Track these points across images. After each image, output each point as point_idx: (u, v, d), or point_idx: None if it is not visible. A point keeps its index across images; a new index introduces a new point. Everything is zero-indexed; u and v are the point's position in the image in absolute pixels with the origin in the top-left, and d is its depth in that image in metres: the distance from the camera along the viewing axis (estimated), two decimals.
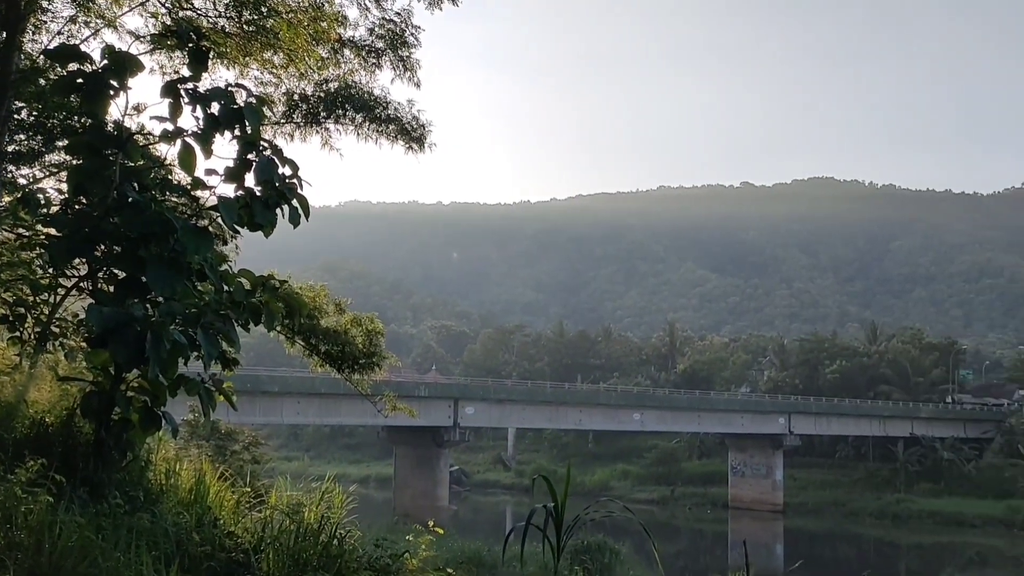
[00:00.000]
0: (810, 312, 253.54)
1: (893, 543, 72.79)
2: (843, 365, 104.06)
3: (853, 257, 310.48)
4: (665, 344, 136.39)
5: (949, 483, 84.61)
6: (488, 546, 28.24)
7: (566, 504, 6.51)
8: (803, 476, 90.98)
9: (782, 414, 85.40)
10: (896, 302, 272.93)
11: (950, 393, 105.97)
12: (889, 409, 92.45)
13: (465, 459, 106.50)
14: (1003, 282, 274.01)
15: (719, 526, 78.97)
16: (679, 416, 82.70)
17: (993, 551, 67.01)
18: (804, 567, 39.46)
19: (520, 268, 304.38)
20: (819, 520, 79.53)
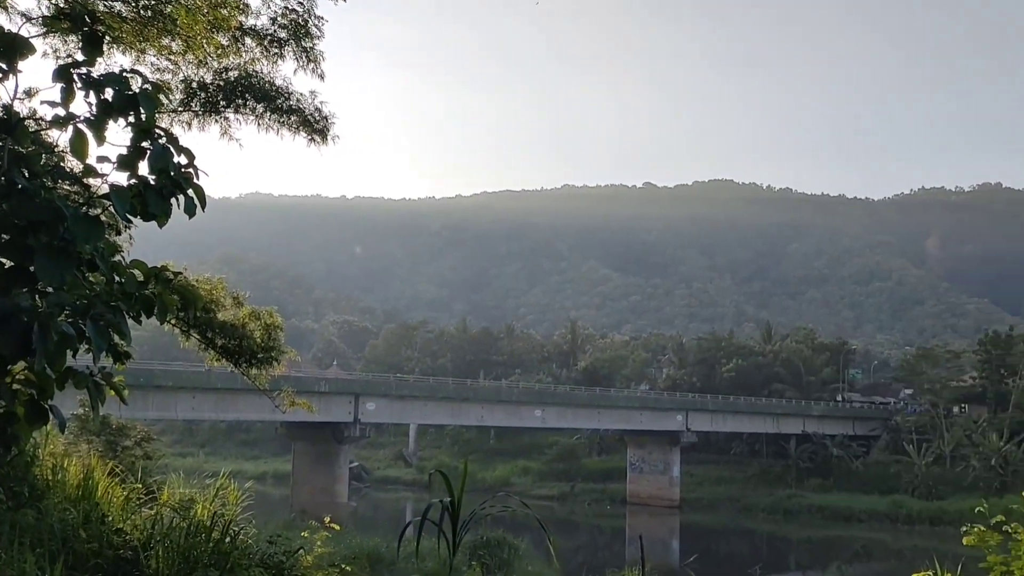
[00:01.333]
0: (708, 312, 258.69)
1: (784, 537, 74.81)
2: (739, 364, 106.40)
3: (751, 258, 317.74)
4: (567, 342, 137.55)
5: (838, 479, 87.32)
6: (387, 542, 28.12)
7: (463, 499, 6.53)
8: (699, 472, 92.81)
9: (680, 411, 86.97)
10: (791, 303, 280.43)
11: (840, 392, 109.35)
12: (782, 407, 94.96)
13: (365, 455, 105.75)
14: (892, 285, 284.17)
15: (617, 521, 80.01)
16: (580, 413, 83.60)
17: (878, 544, 69.42)
18: (699, 561, 40.29)
19: (424, 264, 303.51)
20: (714, 515, 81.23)
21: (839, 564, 66.40)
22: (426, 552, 20.28)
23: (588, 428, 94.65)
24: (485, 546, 25.57)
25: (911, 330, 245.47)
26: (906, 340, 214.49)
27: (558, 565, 15.41)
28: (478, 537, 26.43)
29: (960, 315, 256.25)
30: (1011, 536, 6.70)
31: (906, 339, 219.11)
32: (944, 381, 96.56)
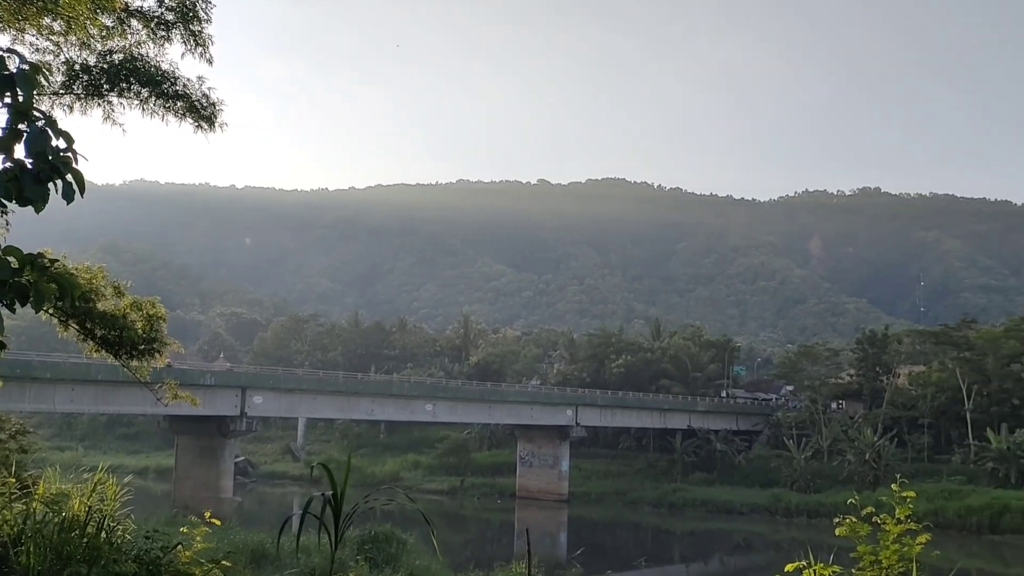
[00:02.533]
0: (599, 308, 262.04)
1: (669, 530, 76.32)
2: (628, 360, 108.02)
3: (642, 256, 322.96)
4: (460, 336, 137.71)
5: (721, 473, 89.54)
6: (271, 538, 27.70)
7: (349, 494, 6.48)
8: (588, 466, 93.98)
9: (570, 406, 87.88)
10: (680, 300, 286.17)
11: (725, 388, 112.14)
12: (669, 402, 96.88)
13: (252, 449, 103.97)
14: (775, 284, 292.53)
15: (506, 515, 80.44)
16: (471, 407, 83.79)
17: (758, 537, 71.44)
18: (586, 554, 40.80)
19: (316, 257, 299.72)
20: (602, 509, 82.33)
21: (721, 556, 68.19)
22: (313, 547, 20.07)
23: (479, 422, 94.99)
24: (372, 541, 25.38)
25: (793, 328, 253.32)
26: (788, 338, 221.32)
27: (442, 559, 15.38)
28: (366, 532, 26.23)
29: (840, 314, 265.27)
30: (880, 527, 6.97)
31: (788, 337, 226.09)
32: (823, 378, 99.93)
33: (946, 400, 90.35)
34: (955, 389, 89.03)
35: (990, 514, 68.69)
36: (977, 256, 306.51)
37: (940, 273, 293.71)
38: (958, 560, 51.51)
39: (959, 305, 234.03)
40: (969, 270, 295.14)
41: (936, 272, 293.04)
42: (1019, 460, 75.81)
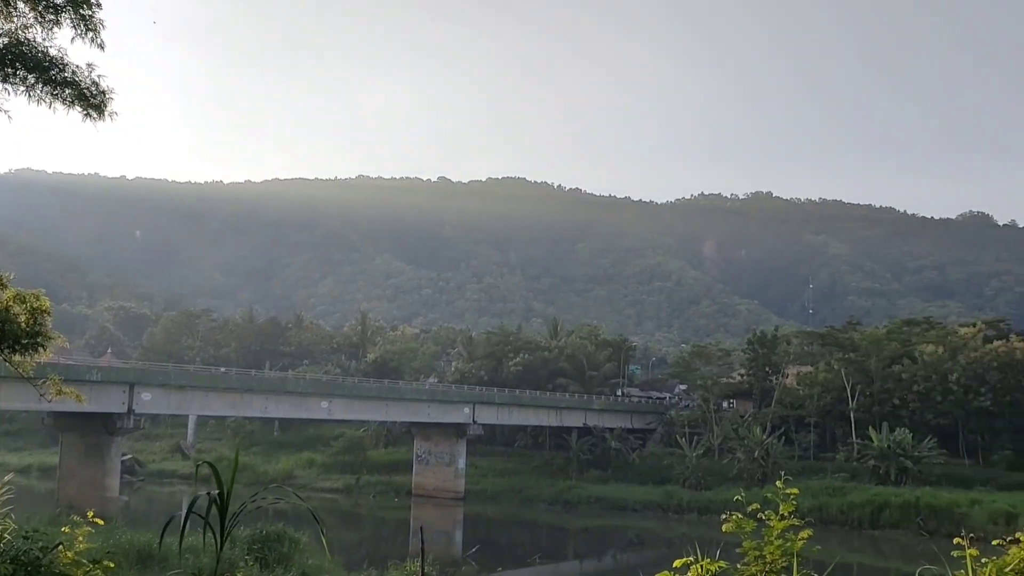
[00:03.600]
0: (498, 306, 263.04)
1: (564, 527, 77.02)
2: (526, 358, 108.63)
3: (541, 255, 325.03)
4: (357, 333, 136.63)
5: (616, 471, 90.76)
6: (158, 538, 27.07)
7: (236, 492, 6.37)
8: (484, 464, 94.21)
9: (467, 404, 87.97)
10: (577, 300, 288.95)
11: (620, 387, 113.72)
12: (565, 401, 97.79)
13: (140, 448, 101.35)
14: (671, 285, 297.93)
15: (402, 513, 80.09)
16: (367, 405, 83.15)
17: (650, 533, 72.64)
18: (481, 552, 40.95)
19: (210, 251, 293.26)
20: (498, 506, 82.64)
21: (614, 552, 69.11)
22: (201, 547, 19.65)
23: (376, 420, 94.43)
24: (263, 540, 24.99)
25: (688, 328, 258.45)
26: (683, 338, 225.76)
27: (331, 558, 15.21)
28: (257, 531, 25.83)
29: (732, 315, 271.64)
30: (764, 523, 7.16)
31: (683, 337, 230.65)
32: (715, 378, 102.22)
33: (831, 400, 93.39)
34: (840, 389, 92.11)
35: (871, 510, 71.24)
36: (862, 260, 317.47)
37: (827, 276, 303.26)
38: (840, 554, 53.28)
39: (845, 307, 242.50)
40: (855, 274, 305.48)
41: (824, 275, 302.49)
42: (898, 458, 78.78)
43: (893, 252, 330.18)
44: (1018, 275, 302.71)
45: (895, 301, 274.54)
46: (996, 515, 63.58)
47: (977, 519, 62.78)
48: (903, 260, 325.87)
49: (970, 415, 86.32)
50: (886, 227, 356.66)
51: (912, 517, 68.27)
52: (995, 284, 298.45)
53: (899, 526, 68.83)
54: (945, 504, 68.70)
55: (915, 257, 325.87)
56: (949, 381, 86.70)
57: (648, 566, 7.37)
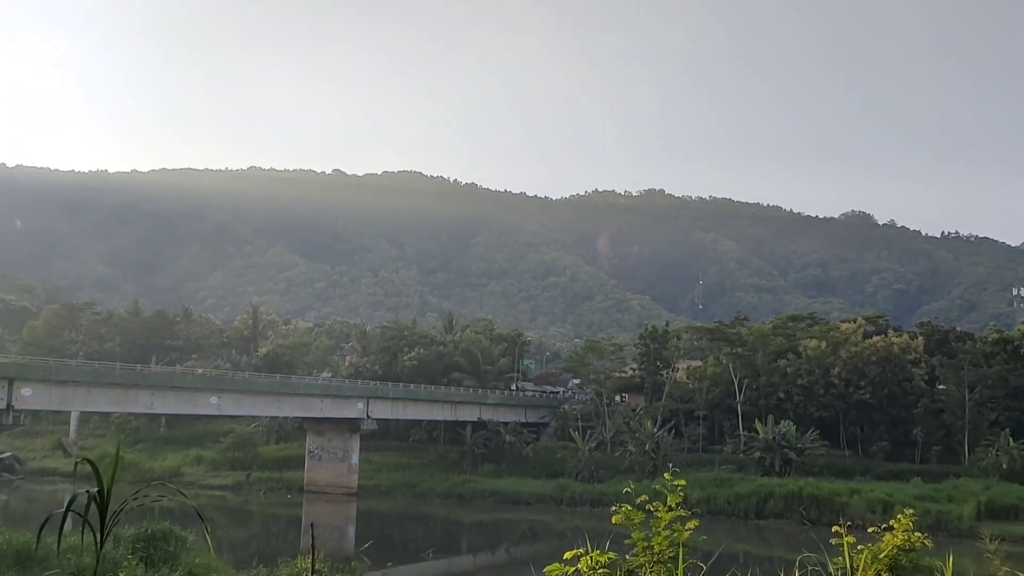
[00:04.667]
0: (394, 301, 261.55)
1: (458, 521, 77.07)
2: (421, 353, 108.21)
3: (437, 250, 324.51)
4: (248, 327, 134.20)
5: (510, 464, 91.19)
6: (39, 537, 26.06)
7: (120, 490, 6.15)
8: (378, 459, 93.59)
9: (361, 399, 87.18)
10: (473, 294, 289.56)
11: (515, 381, 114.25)
12: (460, 395, 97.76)
13: (21, 445, 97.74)
14: (565, 280, 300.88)
15: (294, 510, 78.95)
16: (258, 400, 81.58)
17: (544, 526, 73.22)
18: (374, 547, 40.55)
19: (93, 242, 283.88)
20: (392, 501, 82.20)
21: (507, 546, 69.45)
22: (84, 547, 18.99)
23: (267, 416, 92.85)
24: (148, 539, 24.27)
25: (581, 323, 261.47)
26: (576, 333, 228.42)
27: (215, 555, 14.90)
28: (142, 530, 25.07)
29: (625, 310, 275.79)
30: (653, 514, 7.26)
31: (577, 332, 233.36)
32: (608, 372, 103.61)
33: (720, 393, 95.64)
34: (728, 383, 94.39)
35: (756, 500, 73.32)
36: (750, 258, 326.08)
37: (717, 273, 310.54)
38: (727, 544, 54.55)
39: (733, 303, 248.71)
40: (743, 270, 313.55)
41: (713, 272, 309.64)
42: (783, 450, 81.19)
43: (779, 250, 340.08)
44: (896, 273, 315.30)
45: (781, 297, 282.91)
46: (874, 504, 66.10)
47: (856, 508, 65.21)
48: (789, 257, 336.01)
49: (850, 408, 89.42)
50: (773, 225, 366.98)
51: (796, 507, 70.56)
52: (875, 281, 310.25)
53: (783, 516, 71.01)
54: (826, 494, 71.17)
55: (800, 255, 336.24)
56: (831, 375, 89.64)
57: (541, 559, 7.39)
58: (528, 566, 8.21)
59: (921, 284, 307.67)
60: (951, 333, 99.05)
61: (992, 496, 69.04)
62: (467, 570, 62.71)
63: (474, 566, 64.35)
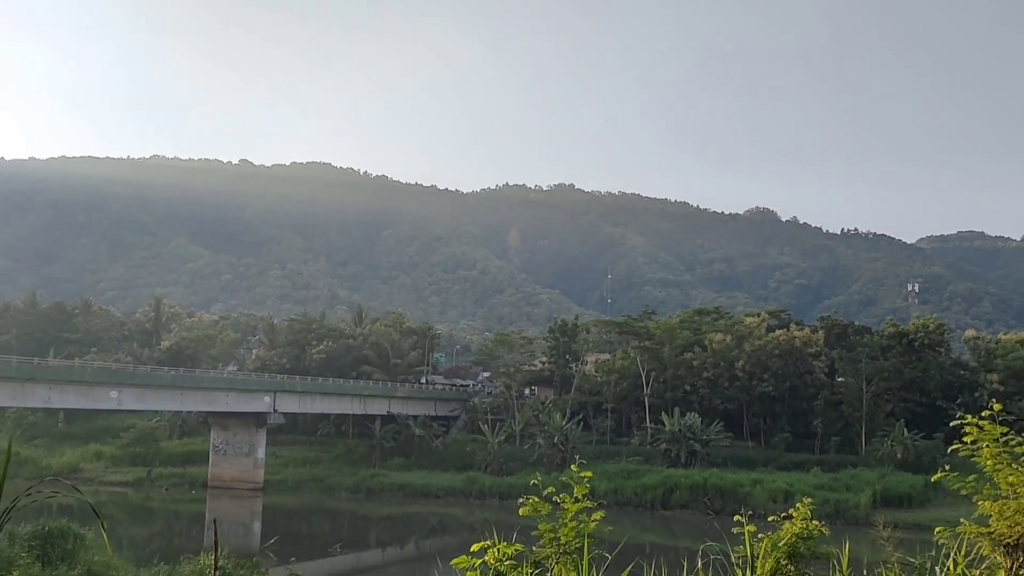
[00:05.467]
0: (302, 293, 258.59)
1: (366, 515, 76.62)
2: (330, 346, 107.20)
3: (346, 243, 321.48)
4: (151, 320, 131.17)
5: (419, 458, 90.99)
6: None
7: (10, 488, 5.91)
8: (285, 454, 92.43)
9: (268, 392, 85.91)
10: (383, 287, 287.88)
11: (425, 374, 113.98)
12: (370, 388, 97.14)
13: None
14: (476, 274, 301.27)
15: (198, 506, 77.54)
16: (161, 394, 79.68)
17: (453, 519, 73.33)
18: (280, 543, 39.97)
19: None
20: (299, 496, 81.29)
21: (416, 539, 69.39)
22: None
23: (170, 410, 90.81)
24: (45, 537, 23.59)
25: (492, 317, 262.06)
26: (487, 326, 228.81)
27: (112, 552, 14.47)
28: (39, 528, 24.36)
29: (535, 304, 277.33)
30: (560, 506, 7.30)
31: (487, 325, 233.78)
32: (518, 365, 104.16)
33: (628, 386, 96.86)
34: (636, 376, 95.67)
35: (662, 491, 74.61)
36: (658, 252, 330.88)
37: (625, 267, 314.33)
38: (634, 534, 55.40)
39: (641, 297, 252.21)
40: (651, 265, 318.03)
41: (622, 266, 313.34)
42: (688, 441, 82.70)
43: (686, 245, 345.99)
44: (799, 268, 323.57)
45: (688, 291, 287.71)
46: (776, 493, 67.88)
47: (759, 498, 66.85)
48: (695, 252, 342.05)
49: (754, 400, 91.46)
50: (680, 221, 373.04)
51: (700, 497, 71.99)
52: (778, 276, 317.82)
53: (688, 506, 72.37)
54: (730, 484, 72.77)
55: (707, 250, 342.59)
56: (735, 368, 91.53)
57: (450, 551, 7.38)
58: (435, 560, 8.17)
59: (822, 279, 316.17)
60: (850, 327, 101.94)
61: (887, 485, 71.56)
62: (375, 564, 62.47)
63: (382, 560, 64.14)
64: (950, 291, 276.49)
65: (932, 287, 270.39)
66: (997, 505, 7.61)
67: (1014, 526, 7.45)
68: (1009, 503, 7.54)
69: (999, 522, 7.57)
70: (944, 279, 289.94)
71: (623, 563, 7.59)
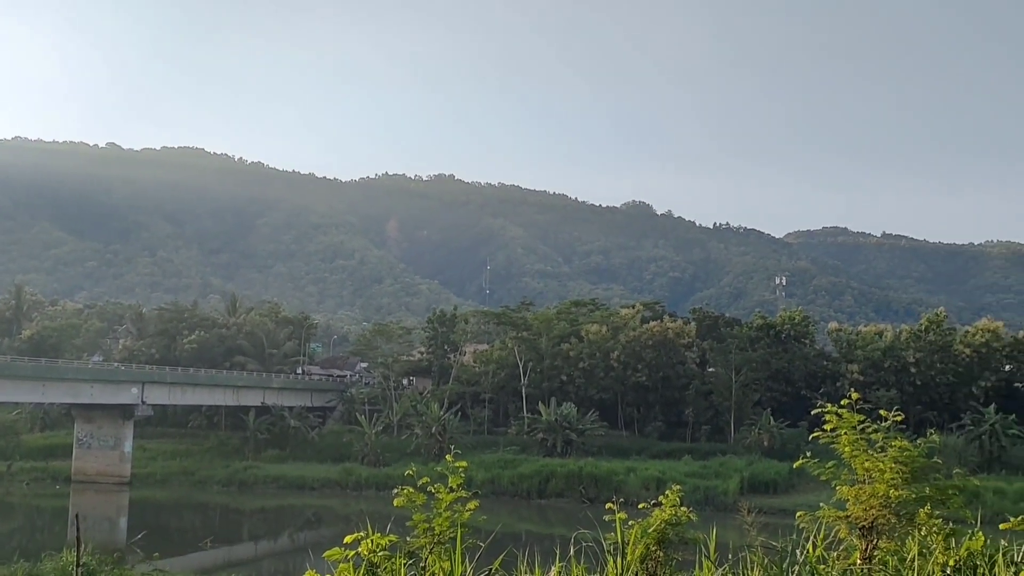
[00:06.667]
0: (173, 282, 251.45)
1: (239, 509, 75.12)
2: (202, 336, 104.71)
3: (220, 230, 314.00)
4: (11, 308, 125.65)
5: (294, 449, 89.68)
6: None
7: None
8: (154, 446, 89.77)
9: (135, 384, 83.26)
10: (258, 276, 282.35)
11: (301, 365, 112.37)
12: (243, 379, 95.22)
13: None
14: (354, 263, 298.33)
15: (61, 501, 74.65)
16: (20, 385, 76.30)
17: (329, 511, 72.57)
18: (148, 538, 38.88)
19: None
20: (168, 490, 79.12)
21: (291, 532, 68.47)
22: None
23: (31, 402, 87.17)
24: None
25: (370, 307, 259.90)
26: (365, 316, 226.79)
27: None
28: None
29: (414, 294, 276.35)
30: (435, 496, 7.31)
31: (365, 315, 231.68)
32: (396, 355, 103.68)
33: (505, 376, 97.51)
34: (513, 366, 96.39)
35: (539, 481, 75.42)
36: (536, 244, 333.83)
37: (504, 258, 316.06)
38: (510, 523, 55.89)
39: (520, 288, 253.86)
40: (529, 256, 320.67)
41: (501, 257, 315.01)
42: (564, 431, 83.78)
43: (564, 237, 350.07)
44: (672, 261, 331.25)
45: (566, 283, 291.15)
46: (648, 481, 69.34)
47: (632, 486, 68.22)
48: (573, 244, 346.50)
49: (628, 390, 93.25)
50: (559, 213, 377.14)
51: (576, 486, 72.99)
52: (653, 268, 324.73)
53: (564, 495, 73.34)
54: (605, 473, 74.05)
55: (584, 242, 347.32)
56: (611, 358, 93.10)
57: (325, 544, 7.31)
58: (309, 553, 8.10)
59: (695, 272, 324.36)
60: (721, 319, 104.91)
61: (754, 472, 74.02)
62: (248, 558, 61.32)
63: (255, 554, 63.02)
64: (815, 285, 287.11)
65: (798, 281, 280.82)
66: (853, 490, 7.96)
67: (868, 510, 7.81)
68: (864, 488, 7.89)
69: (855, 506, 7.92)
70: (809, 273, 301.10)
71: (498, 552, 7.65)
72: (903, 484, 7.83)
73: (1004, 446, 76.69)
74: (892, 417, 8.21)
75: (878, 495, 7.78)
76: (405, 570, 6.92)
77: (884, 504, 7.78)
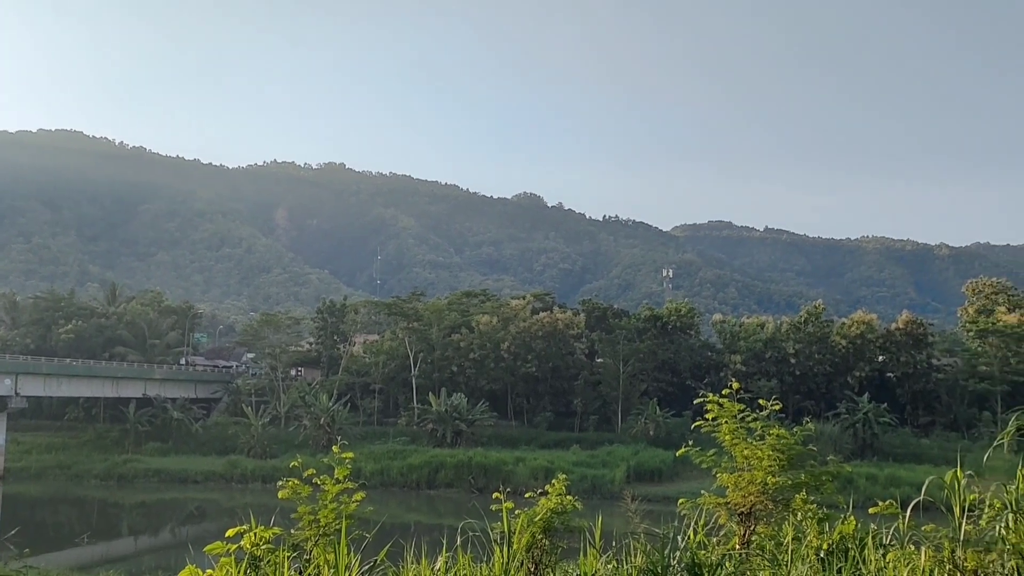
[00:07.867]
0: (49, 269, 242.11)
1: (118, 503, 73.00)
2: (79, 325, 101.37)
3: (99, 216, 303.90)
4: None
5: (177, 442, 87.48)
6: None
7: None
8: (28, 440, 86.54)
9: (8, 375, 80.00)
10: (140, 264, 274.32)
11: (185, 355, 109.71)
12: (123, 370, 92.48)
13: None
14: (241, 252, 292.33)
15: None
16: None
17: (213, 504, 71.06)
18: (21, 535, 37.40)
19: None
20: (43, 485, 76.37)
21: (173, 526, 66.81)
22: None
23: None
24: None
25: (258, 296, 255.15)
26: (252, 306, 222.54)
27: None
28: None
29: (303, 284, 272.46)
30: (320, 487, 7.24)
31: (253, 305, 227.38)
32: (284, 346, 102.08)
33: (396, 367, 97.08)
34: (404, 357, 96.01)
35: (428, 471, 75.29)
36: (428, 234, 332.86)
37: (395, 248, 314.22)
38: (399, 514, 55.67)
39: (411, 279, 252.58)
40: (420, 247, 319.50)
41: (392, 247, 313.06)
42: (454, 421, 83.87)
43: (456, 227, 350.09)
44: (563, 252, 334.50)
45: (457, 274, 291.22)
46: (537, 471, 69.88)
47: (521, 475, 68.67)
48: (465, 235, 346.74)
49: (518, 380, 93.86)
50: (450, 203, 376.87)
51: (465, 476, 73.08)
52: (543, 260, 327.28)
53: (453, 485, 73.38)
54: (494, 463, 74.36)
55: (475, 233, 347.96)
56: (501, 349, 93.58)
57: (208, 538, 7.16)
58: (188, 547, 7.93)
59: (584, 264, 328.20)
60: (609, 310, 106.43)
61: (640, 460, 75.33)
62: (126, 554, 59.53)
63: (135, 549, 61.28)
64: (700, 277, 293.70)
65: (684, 273, 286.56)
66: (733, 477, 8.19)
67: (747, 496, 8.05)
68: (744, 475, 8.13)
69: (735, 493, 8.15)
70: (695, 265, 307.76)
71: (385, 543, 7.62)
72: (780, 471, 8.10)
73: (876, 433, 79.82)
74: (771, 406, 8.48)
75: (756, 482, 8.03)
76: (289, 563, 6.84)
77: (762, 491, 8.03)
